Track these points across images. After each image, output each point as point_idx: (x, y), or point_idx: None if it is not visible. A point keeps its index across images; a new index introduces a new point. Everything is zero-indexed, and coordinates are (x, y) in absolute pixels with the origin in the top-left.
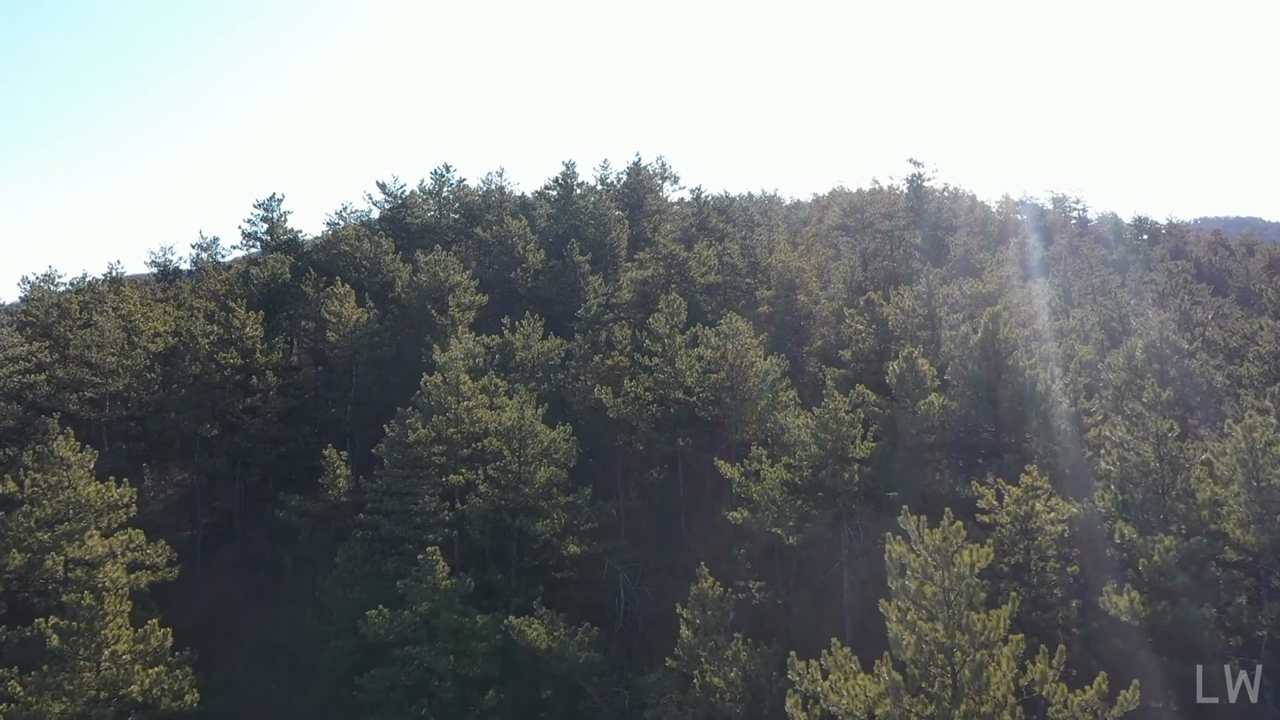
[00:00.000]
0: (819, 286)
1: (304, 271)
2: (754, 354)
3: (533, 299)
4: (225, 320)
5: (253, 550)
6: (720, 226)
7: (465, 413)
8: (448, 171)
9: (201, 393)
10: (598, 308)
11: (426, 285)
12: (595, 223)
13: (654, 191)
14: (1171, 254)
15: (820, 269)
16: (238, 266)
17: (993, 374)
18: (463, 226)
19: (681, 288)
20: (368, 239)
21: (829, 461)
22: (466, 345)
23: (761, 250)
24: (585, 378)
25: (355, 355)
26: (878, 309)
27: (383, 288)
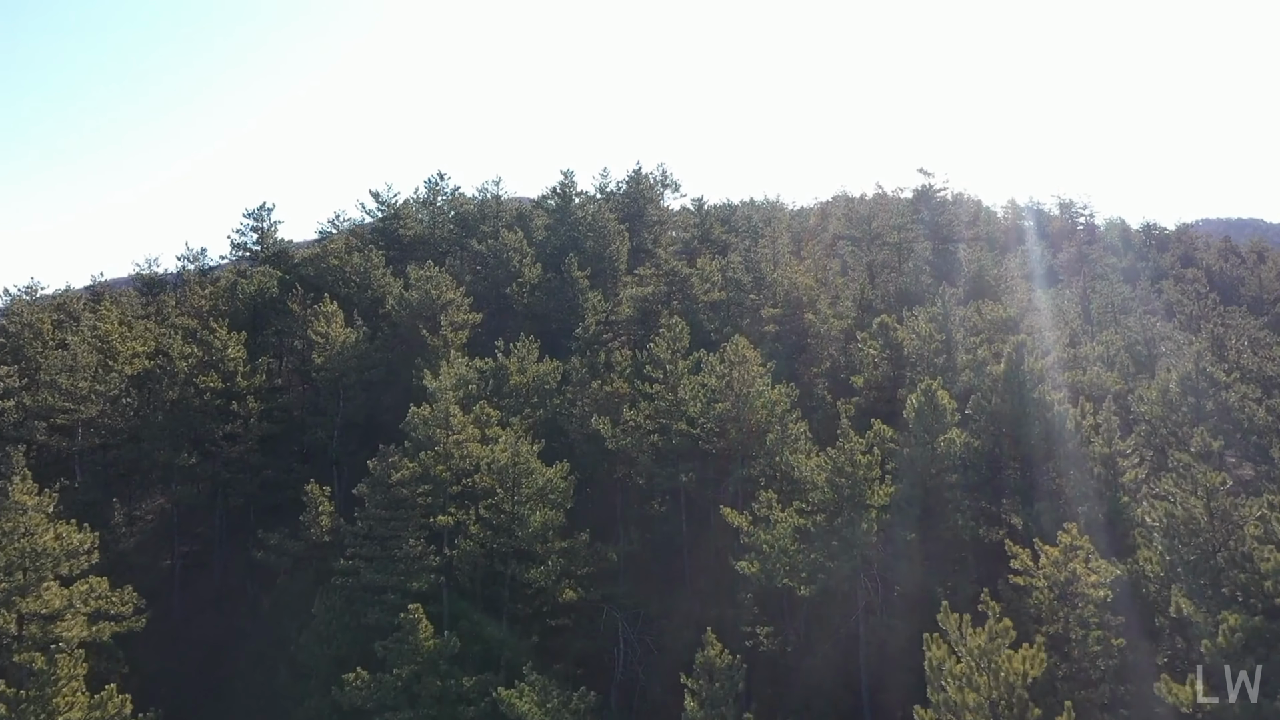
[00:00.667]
0: (827, 304)
1: (292, 286)
2: (760, 382)
3: (529, 315)
4: (206, 341)
5: (233, 583)
6: (723, 238)
7: (455, 447)
8: (442, 180)
9: (179, 419)
10: (596, 327)
11: (418, 303)
12: (594, 235)
13: (655, 201)
14: (1181, 261)
15: (827, 283)
16: (227, 277)
17: (1018, 409)
18: (457, 237)
19: (683, 305)
20: (358, 252)
21: (845, 508)
22: (459, 370)
23: (766, 264)
24: (583, 403)
25: (342, 378)
26: (891, 333)
27: (373, 303)
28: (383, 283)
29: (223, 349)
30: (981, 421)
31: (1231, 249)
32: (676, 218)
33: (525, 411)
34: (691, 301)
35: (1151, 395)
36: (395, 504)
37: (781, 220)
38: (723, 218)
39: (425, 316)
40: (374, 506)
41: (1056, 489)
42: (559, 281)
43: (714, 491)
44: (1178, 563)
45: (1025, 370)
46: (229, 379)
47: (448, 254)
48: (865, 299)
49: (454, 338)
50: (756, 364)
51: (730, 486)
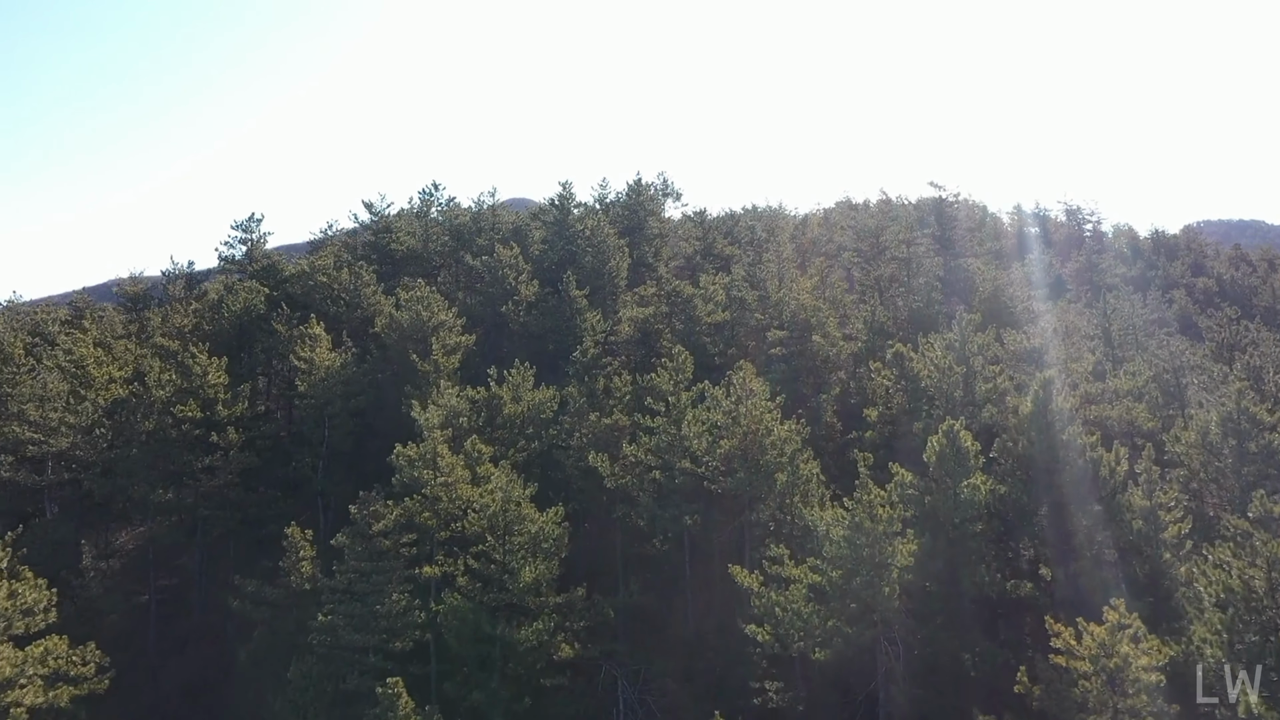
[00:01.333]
0: (835, 324)
1: (279, 303)
2: (769, 418)
3: (525, 334)
4: (185, 367)
5: (212, 623)
6: (726, 251)
7: (443, 489)
8: (436, 190)
9: (155, 451)
10: (594, 350)
11: (408, 325)
12: (593, 250)
13: (655, 213)
14: (1191, 269)
15: (834, 301)
16: (214, 291)
17: (1047, 453)
18: (451, 250)
19: (686, 327)
20: (347, 268)
21: (864, 568)
22: (449, 401)
23: (771, 280)
24: (580, 434)
25: (327, 406)
26: (906, 363)
27: (363, 322)
28: (373, 301)
29: (203, 375)
30: (1007, 464)
31: (1242, 256)
32: (678, 228)
33: (520, 443)
34: (694, 323)
35: (1189, 438)
36: (377, 555)
37: (785, 229)
38: (725, 229)
39: (415, 339)
40: (354, 559)
41: (1091, 542)
42: (556, 301)
43: (720, 534)
44: (1237, 642)
45: (1054, 410)
46: (209, 407)
47: (442, 267)
48: (876, 321)
49: (445, 362)
50: (764, 398)
51: (738, 531)
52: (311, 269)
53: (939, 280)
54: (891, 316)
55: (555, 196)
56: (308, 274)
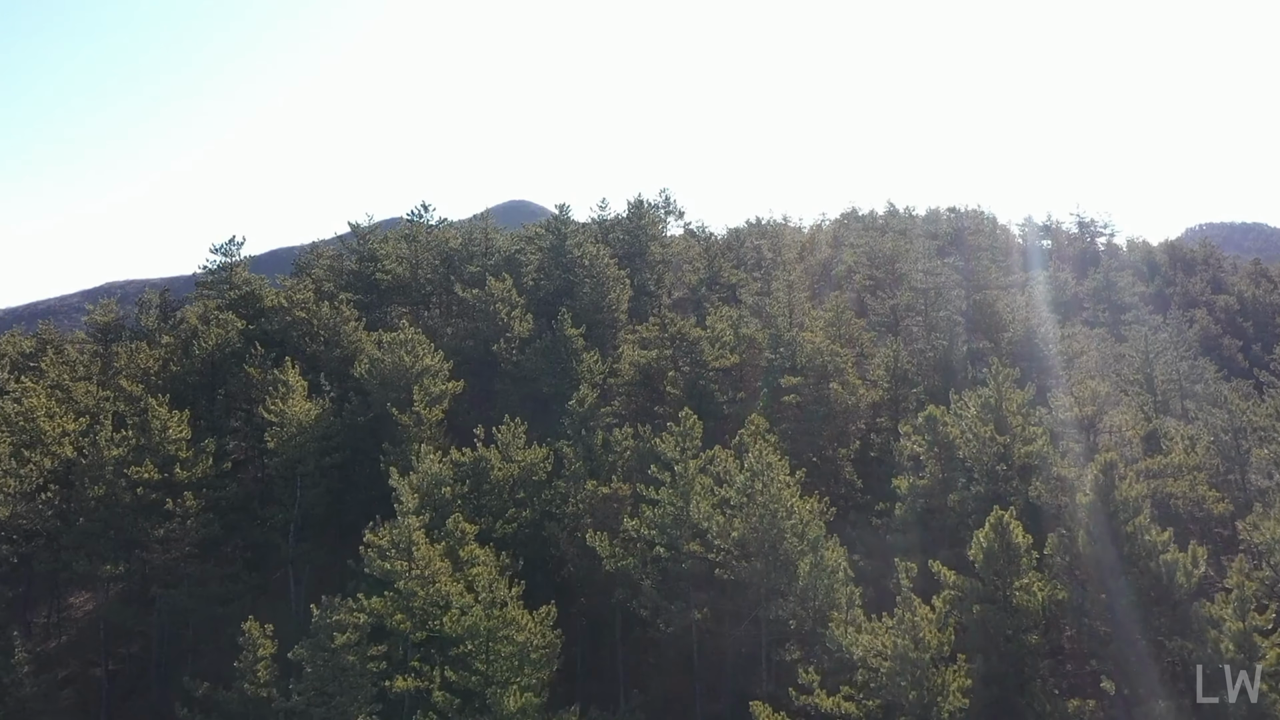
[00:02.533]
0: (851, 366)
1: (254, 341)
2: (788, 494)
3: (518, 376)
4: (144, 421)
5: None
6: (732, 279)
7: (419, 584)
8: (426, 211)
9: (105, 520)
10: (592, 399)
11: (390, 372)
12: (591, 281)
13: (657, 237)
14: (1211, 285)
15: (851, 340)
16: (192, 316)
17: (1112, 552)
18: (441, 277)
19: (691, 371)
20: (328, 302)
21: (908, 698)
22: (430, 469)
23: (781, 316)
24: (576, 501)
25: (299, 464)
26: (940, 428)
27: (343, 362)
28: (354, 339)
29: (162, 430)
30: (1064, 562)
31: (1262, 271)
32: (681, 251)
33: (509, 512)
34: (701, 367)
35: (1273, 530)
36: (340, 671)
37: (791, 246)
38: (730, 249)
39: (397, 386)
40: (314, 675)
41: (1161, 655)
42: (551, 341)
43: (733, 631)
44: None
45: (1118, 499)
46: (168, 466)
47: (432, 294)
48: (899, 368)
49: (428, 414)
50: (784, 473)
51: (753, 627)
52: (289, 303)
53: (961, 315)
54: (914, 361)
55: (550, 218)
56: (285, 309)
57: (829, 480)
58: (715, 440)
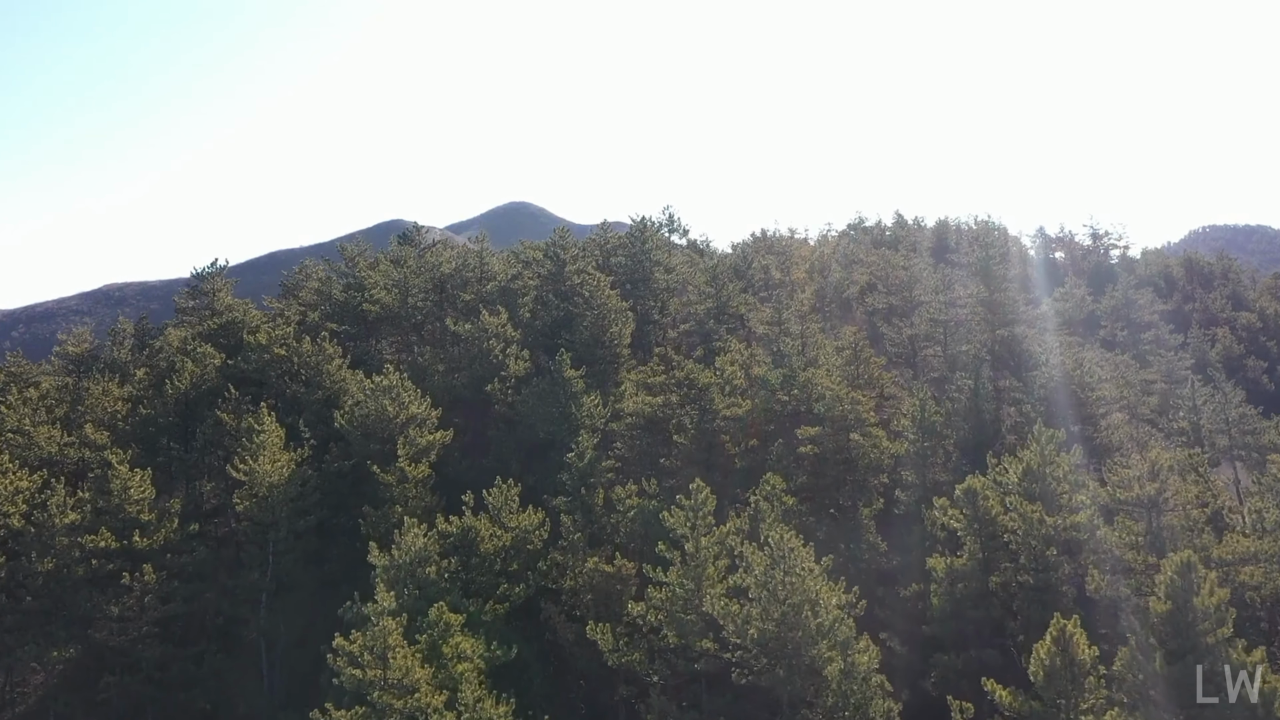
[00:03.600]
0: (871, 411)
1: (232, 379)
2: (814, 584)
3: (512, 419)
4: (102, 481)
5: None
6: (741, 308)
7: (396, 696)
8: (418, 232)
9: (56, 597)
10: (592, 453)
11: (372, 422)
12: (592, 314)
13: (662, 264)
14: (1231, 302)
15: (870, 379)
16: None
17: (1190, 670)
18: (434, 305)
19: (701, 420)
20: (309, 338)
21: None
22: (413, 544)
23: (794, 353)
24: (575, 575)
25: (272, 529)
26: (981, 503)
27: (325, 405)
28: (337, 378)
29: (123, 490)
30: (1138, 680)
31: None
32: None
33: (501, 588)
34: (710, 415)
35: None
36: None
37: (800, 264)
38: (737, 269)
39: (380, 438)
40: None
41: None
42: (549, 384)
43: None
44: None
45: (1197, 608)
46: (127, 532)
47: (424, 323)
48: (927, 420)
49: (414, 471)
50: (807, 560)
51: None
52: (269, 340)
53: (988, 351)
54: (942, 410)
55: (548, 243)
56: (263, 347)
57: (848, 536)
58: (727, 494)
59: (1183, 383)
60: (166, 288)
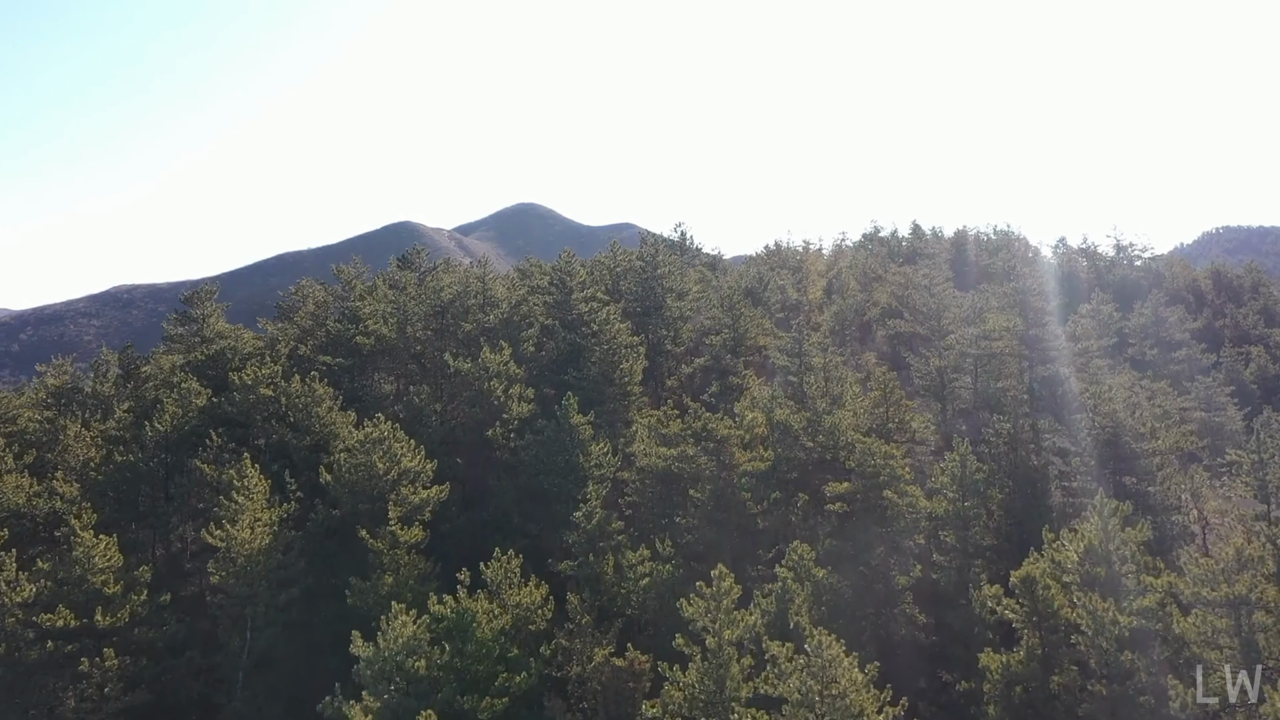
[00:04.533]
0: (904, 463)
1: (216, 420)
2: (860, 697)
3: (514, 467)
4: (63, 552)
5: None
6: (760, 339)
7: None
8: (416, 255)
9: (8, 686)
10: (601, 514)
11: (361, 479)
12: (601, 348)
13: (675, 290)
14: (1263, 317)
15: (900, 424)
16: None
17: None
18: (434, 335)
19: (719, 476)
20: (298, 378)
21: None
22: (402, 633)
23: (816, 392)
24: (582, 660)
25: (249, 603)
26: (1039, 592)
27: (314, 450)
28: (328, 421)
29: (86, 560)
30: None
31: None
32: (699, 296)
33: (501, 678)
34: (729, 469)
35: None
36: None
37: (817, 283)
38: (752, 292)
39: (370, 495)
40: None
41: None
42: (554, 430)
43: None
44: None
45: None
46: (90, 606)
47: (423, 354)
48: (968, 478)
49: (405, 536)
50: (851, 670)
51: None
52: (255, 380)
53: (1027, 392)
54: (984, 470)
55: (554, 268)
56: (249, 386)
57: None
58: (748, 555)
59: (1220, 409)
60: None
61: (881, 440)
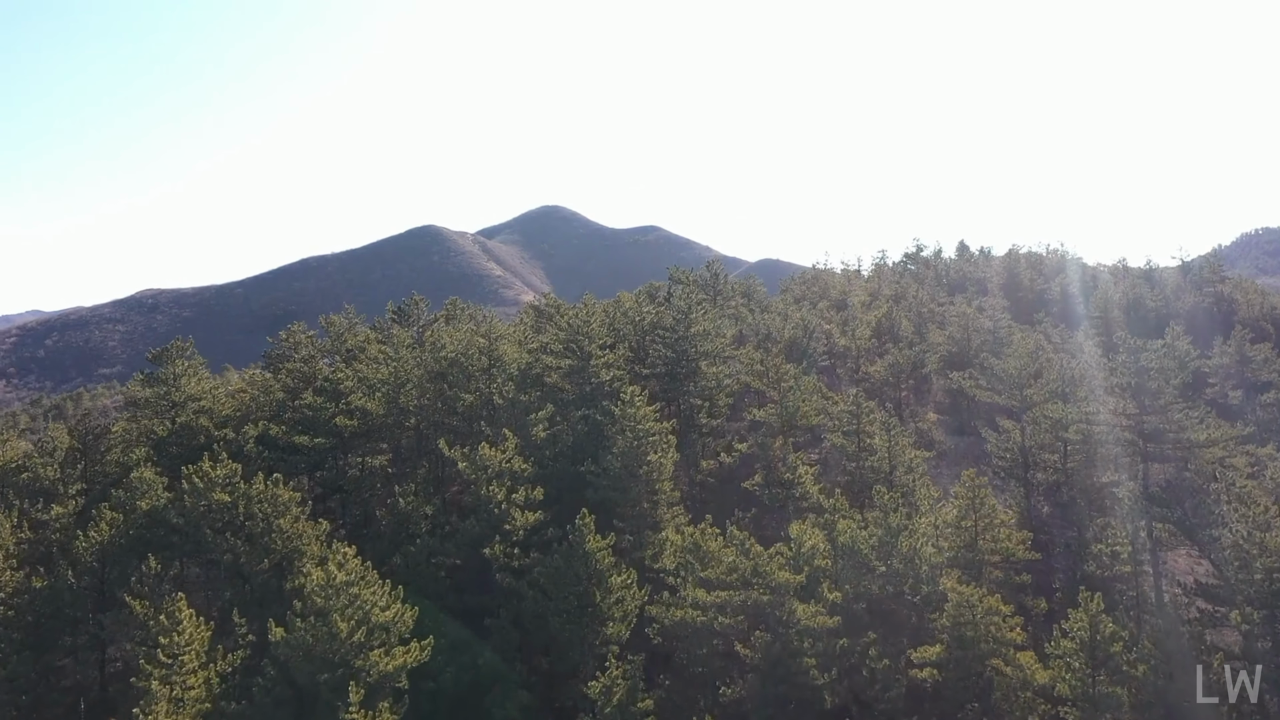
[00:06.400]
0: (1019, 634)
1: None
2: None
3: (518, 595)
4: None
5: None
6: (812, 417)
7: None
8: (415, 308)
9: None
10: (623, 689)
11: (320, 638)
12: (624, 438)
13: (711, 354)
14: None
15: (997, 543)
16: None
17: None
18: (429, 407)
19: (773, 639)
20: (259, 478)
21: None
22: None
23: (890, 504)
24: None
25: None
26: None
27: (275, 574)
28: (292, 534)
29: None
30: None
31: None
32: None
33: None
34: (787, 627)
35: None
36: None
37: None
38: (797, 346)
39: (331, 663)
40: None
41: None
42: (566, 554)
43: None
44: None
45: None
46: None
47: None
48: (1101, 647)
49: None
50: None
51: None
52: (206, 484)
53: (1142, 489)
54: (1125, 628)
55: (568, 331)
56: (200, 491)
57: None
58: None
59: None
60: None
61: (976, 585)
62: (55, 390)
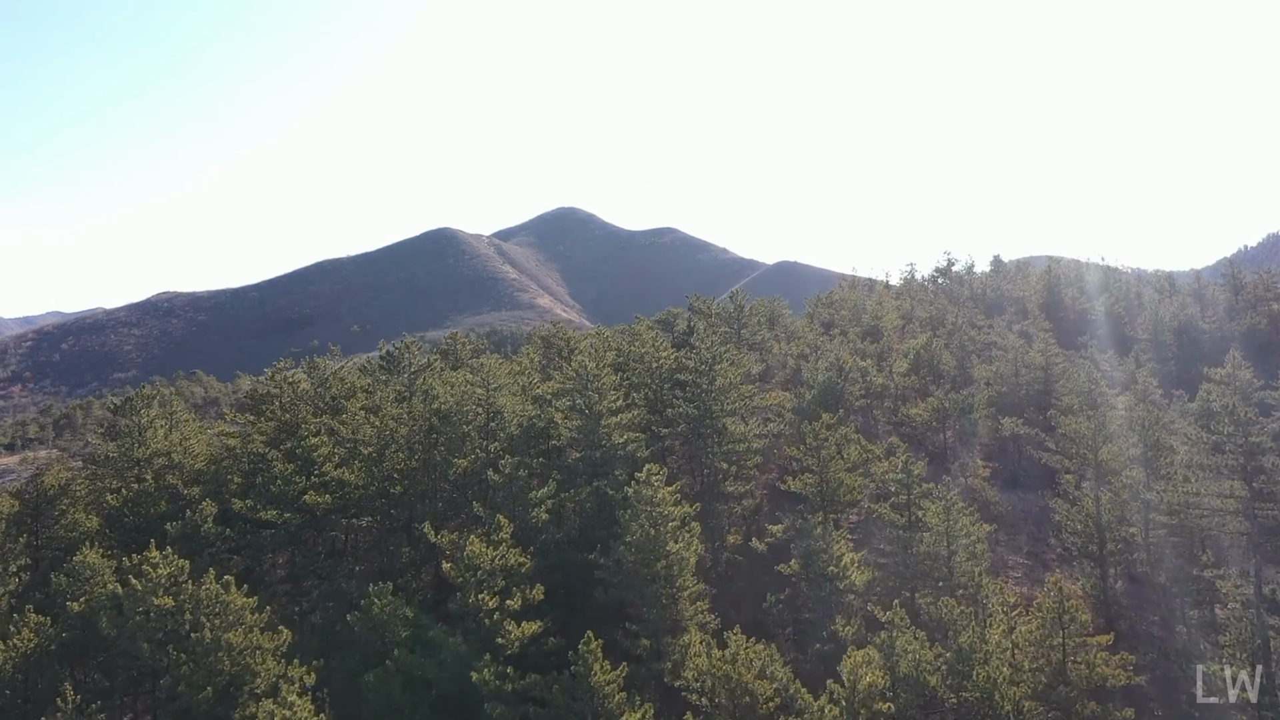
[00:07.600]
0: None
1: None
2: None
3: None
4: None
5: None
6: (850, 491)
7: None
8: (407, 349)
9: None
10: None
11: None
12: (640, 523)
13: (737, 413)
14: None
15: (1085, 665)
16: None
17: None
18: (418, 470)
19: None
20: (209, 578)
21: None
22: None
23: (955, 614)
24: None
25: None
26: None
27: (219, 703)
28: (242, 649)
29: None
30: None
31: None
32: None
33: None
34: None
35: None
36: None
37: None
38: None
39: None
40: None
41: None
42: (570, 683)
43: None
44: None
45: None
46: None
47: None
48: None
49: None
50: None
51: None
52: (146, 587)
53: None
54: None
55: (574, 388)
56: (138, 595)
57: None
58: None
59: None
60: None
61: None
62: (71, 394)
